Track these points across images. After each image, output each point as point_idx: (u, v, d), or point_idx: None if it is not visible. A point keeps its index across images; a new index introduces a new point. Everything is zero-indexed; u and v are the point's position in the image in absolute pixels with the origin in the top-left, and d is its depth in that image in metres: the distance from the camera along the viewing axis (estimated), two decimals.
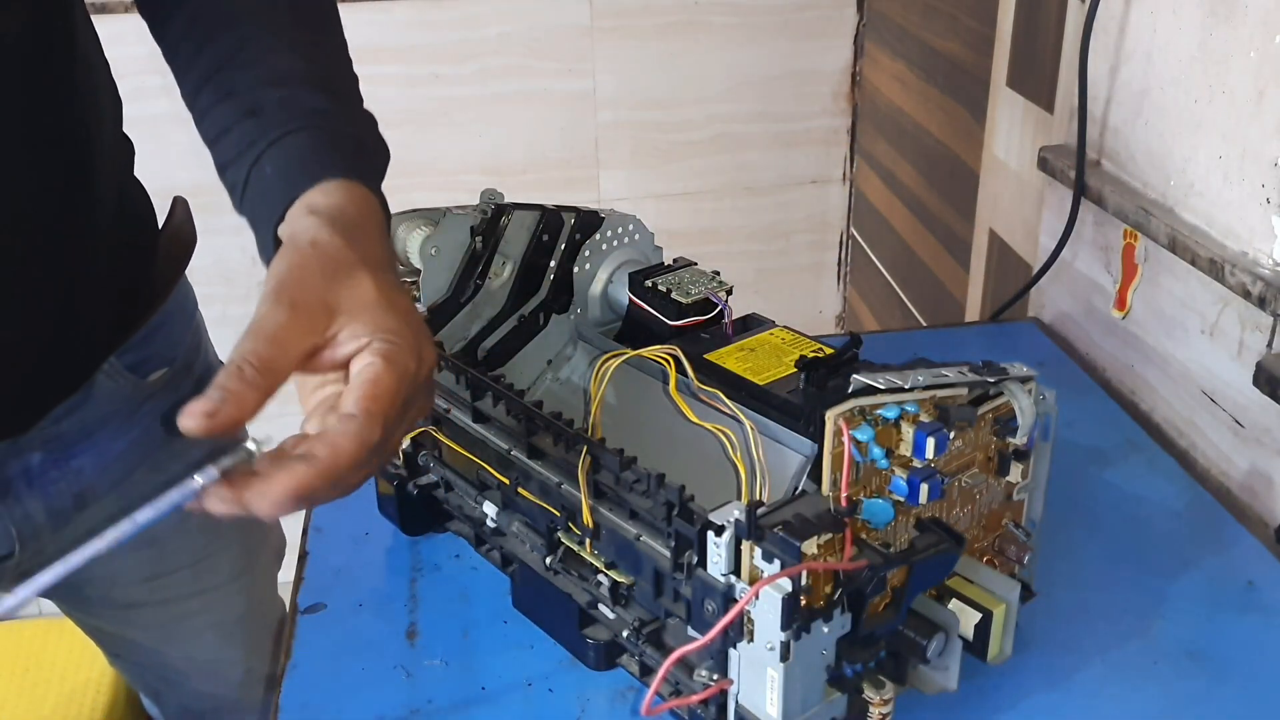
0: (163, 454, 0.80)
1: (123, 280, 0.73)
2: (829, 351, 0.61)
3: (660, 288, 0.68)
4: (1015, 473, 0.58)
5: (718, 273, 0.70)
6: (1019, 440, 0.57)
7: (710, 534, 0.49)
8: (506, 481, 0.62)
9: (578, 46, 1.66)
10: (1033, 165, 1.06)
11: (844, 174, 1.81)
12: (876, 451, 0.51)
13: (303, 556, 0.71)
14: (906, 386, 0.51)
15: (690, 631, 0.53)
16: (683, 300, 0.66)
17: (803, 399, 0.56)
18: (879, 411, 0.51)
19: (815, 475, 0.52)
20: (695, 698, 0.51)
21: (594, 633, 0.60)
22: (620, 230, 0.72)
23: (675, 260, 0.73)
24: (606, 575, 0.57)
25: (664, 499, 0.52)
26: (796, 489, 0.54)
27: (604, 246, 0.72)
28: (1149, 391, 0.88)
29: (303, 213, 0.54)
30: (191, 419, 0.44)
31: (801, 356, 0.62)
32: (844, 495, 0.50)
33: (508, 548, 0.66)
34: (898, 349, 1.00)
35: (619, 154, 1.74)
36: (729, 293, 0.68)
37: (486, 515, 0.65)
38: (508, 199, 0.74)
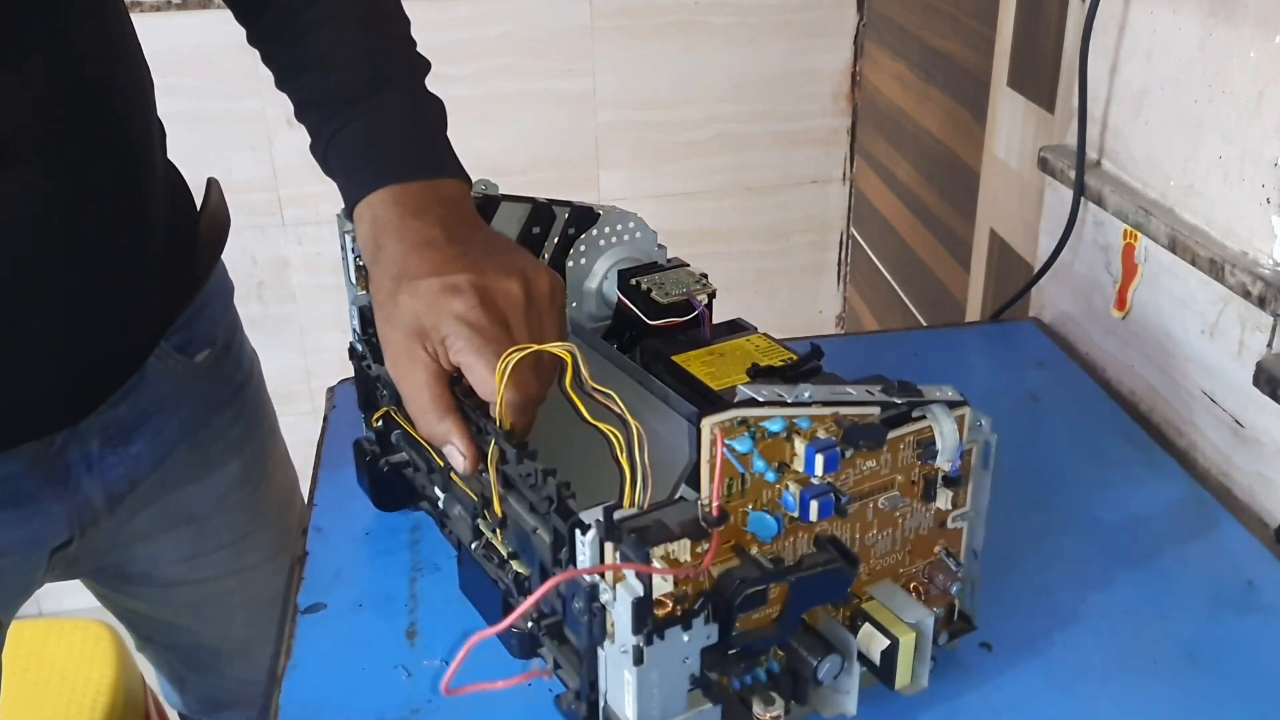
0: (204, 434, 0.81)
1: (171, 261, 0.74)
2: (794, 359, 0.61)
3: (643, 286, 0.68)
4: (944, 499, 0.57)
5: (705, 275, 0.70)
6: (940, 465, 0.55)
7: (578, 531, 0.50)
8: (443, 464, 0.63)
9: (578, 46, 1.66)
10: (1033, 165, 1.06)
11: (844, 174, 1.81)
12: (760, 464, 0.50)
13: (302, 556, 0.71)
14: (789, 400, 0.50)
15: (567, 630, 0.53)
16: (661, 300, 0.67)
17: (697, 407, 0.55)
18: (765, 424, 0.50)
19: (696, 483, 0.52)
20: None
21: (519, 622, 0.59)
22: (620, 227, 0.72)
23: (670, 260, 0.73)
24: (510, 566, 0.58)
25: (546, 493, 0.53)
26: (676, 494, 0.54)
27: (601, 242, 0.72)
28: (1149, 391, 0.88)
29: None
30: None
31: (754, 364, 0.61)
32: (715, 505, 0.49)
33: (454, 531, 0.66)
34: (898, 349, 1.00)
35: (619, 154, 1.73)
36: (713, 295, 0.68)
37: (438, 497, 0.66)
38: None
